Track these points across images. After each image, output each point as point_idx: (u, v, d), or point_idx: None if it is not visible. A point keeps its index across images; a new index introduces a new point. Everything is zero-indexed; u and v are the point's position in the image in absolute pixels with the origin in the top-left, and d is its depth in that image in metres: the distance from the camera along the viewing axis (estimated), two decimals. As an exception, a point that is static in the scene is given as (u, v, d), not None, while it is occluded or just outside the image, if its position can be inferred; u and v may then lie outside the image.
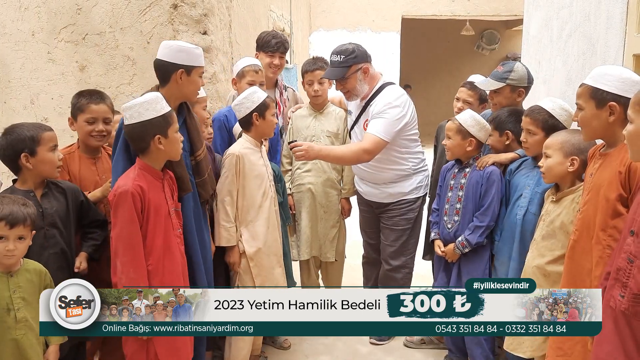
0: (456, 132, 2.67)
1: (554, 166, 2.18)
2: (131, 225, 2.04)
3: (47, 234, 2.17)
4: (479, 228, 2.58)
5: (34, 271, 1.97)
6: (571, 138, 2.16)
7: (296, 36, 7.65)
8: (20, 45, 3.58)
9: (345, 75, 2.98)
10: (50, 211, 2.20)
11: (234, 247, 2.67)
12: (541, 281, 2.19)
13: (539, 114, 2.37)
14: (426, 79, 12.85)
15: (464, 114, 2.72)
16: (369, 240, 3.41)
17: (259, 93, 2.68)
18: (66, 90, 3.57)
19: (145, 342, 2.09)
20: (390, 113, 2.95)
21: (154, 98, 2.10)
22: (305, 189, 3.34)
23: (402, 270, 3.22)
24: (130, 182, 2.06)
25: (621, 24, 2.36)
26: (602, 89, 1.84)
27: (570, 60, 2.96)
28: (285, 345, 3.21)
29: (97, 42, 3.50)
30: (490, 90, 2.82)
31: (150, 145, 2.10)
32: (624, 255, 1.56)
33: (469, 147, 2.66)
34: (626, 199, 1.76)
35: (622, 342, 1.54)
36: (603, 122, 1.86)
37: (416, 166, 3.16)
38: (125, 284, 2.02)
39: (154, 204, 2.10)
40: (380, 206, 3.21)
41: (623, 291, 1.53)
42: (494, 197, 2.56)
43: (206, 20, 3.42)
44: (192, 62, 2.30)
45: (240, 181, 2.64)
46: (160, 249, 2.12)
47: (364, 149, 2.93)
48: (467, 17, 10.13)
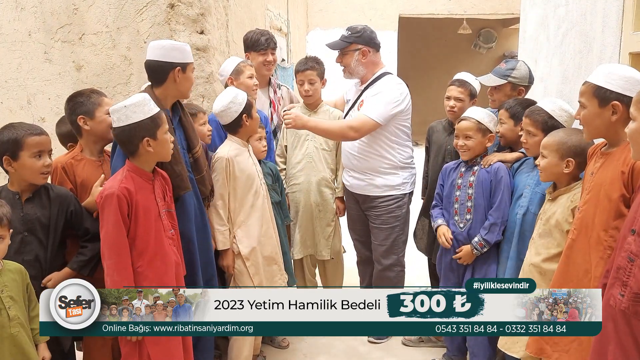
0: (477, 130, 2.61)
1: (549, 167, 2.18)
2: (116, 228, 2.03)
3: (25, 239, 2.11)
4: (495, 225, 2.54)
5: (15, 270, 1.95)
6: (568, 140, 2.14)
7: (293, 35, 7.64)
8: (17, 45, 3.57)
9: (343, 50, 3.08)
10: (32, 217, 2.13)
11: (227, 250, 2.67)
12: (538, 279, 2.18)
13: (539, 115, 2.36)
14: (423, 77, 12.84)
15: (474, 111, 2.67)
16: (359, 238, 3.42)
17: (240, 94, 2.66)
18: (63, 91, 3.56)
19: (138, 343, 2.08)
20: (385, 96, 3.00)
21: (141, 100, 2.06)
22: (299, 188, 3.34)
23: (395, 269, 3.23)
24: (117, 185, 2.04)
25: (617, 22, 2.36)
26: (606, 88, 1.82)
27: (566, 58, 2.97)
28: (283, 345, 3.21)
29: (93, 42, 3.49)
30: (490, 86, 2.83)
31: (139, 147, 2.08)
32: (624, 254, 1.56)
33: (489, 143, 2.66)
34: (629, 199, 1.74)
35: (621, 340, 1.54)
36: (605, 121, 1.84)
37: (404, 160, 3.16)
38: (110, 287, 2.01)
39: (143, 206, 2.08)
40: (366, 200, 3.20)
41: (623, 290, 1.53)
42: (504, 193, 2.54)
43: (203, 20, 3.42)
44: (187, 59, 2.34)
45: (230, 183, 2.63)
46: (151, 251, 2.10)
47: (351, 126, 2.97)
48: (464, 16, 10.13)
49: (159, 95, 2.32)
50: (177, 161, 2.29)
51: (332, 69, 3.34)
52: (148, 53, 2.32)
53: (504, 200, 2.54)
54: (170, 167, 2.27)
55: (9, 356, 1.86)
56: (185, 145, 2.43)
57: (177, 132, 2.40)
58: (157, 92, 2.33)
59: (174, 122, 2.40)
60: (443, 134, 3.09)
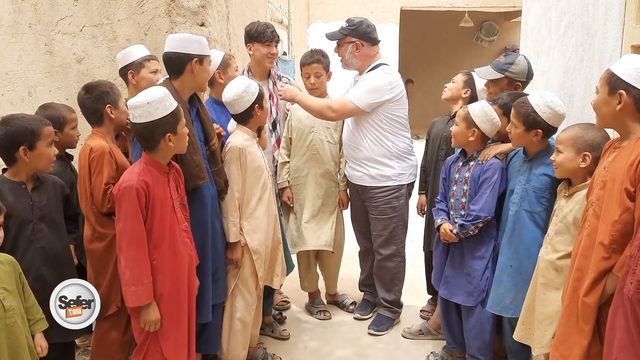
0: (463, 119, 2.64)
1: (565, 162, 2.13)
2: (135, 220, 2.03)
3: (36, 227, 2.18)
4: (470, 215, 2.57)
5: (6, 262, 1.97)
6: (584, 134, 2.10)
7: (294, 28, 7.61)
8: (18, 37, 3.56)
9: (339, 42, 3.16)
10: (40, 205, 2.20)
11: (237, 243, 2.62)
12: (553, 276, 2.16)
13: (523, 108, 2.34)
14: (425, 70, 12.80)
15: (476, 103, 2.67)
16: (360, 229, 3.44)
17: (252, 83, 2.64)
18: (64, 83, 3.56)
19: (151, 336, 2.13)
20: (368, 82, 3.07)
21: (163, 96, 2.06)
22: (303, 181, 3.34)
23: (395, 259, 3.25)
24: (135, 177, 2.05)
25: (620, 14, 2.35)
26: (618, 76, 1.77)
27: (568, 51, 2.96)
28: (284, 335, 3.23)
29: (94, 33, 3.49)
30: (488, 79, 2.82)
31: (160, 143, 2.09)
32: (637, 243, 1.57)
33: (472, 138, 2.62)
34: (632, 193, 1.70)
35: (629, 327, 1.56)
36: (612, 109, 1.80)
37: (400, 150, 3.16)
38: (129, 279, 2.02)
39: (159, 198, 2.09)
40: (364, 191, 3.22)
41: (632, 278, 1.55)
42: (486, 188, 2.54)
43: (204, 12, 3.41)
44: (204, 52, 2.38)
45: (242, 174, 2.61)
46: (166, 243, 2.11)
47: (329, 105, 3.05)
48: (466, 9, 10.09)
49: (177, 88, 2.35)
50: (196, 151, 2.33)
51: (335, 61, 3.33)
52: (166, 46, 2.35)
53: (485, 193, 2.54)
54: (190, 157, 2.30)
55: (6, 347, 1.87)
56: (202, 138, 2.46)
57: (194, 124, 2.43)
58: (175, 84, 2.36)
59: (191, 114, 2.42)
60: (442, 128, 3.13)
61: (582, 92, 2.69)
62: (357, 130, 3.13)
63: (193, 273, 2.27)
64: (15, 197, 2.16)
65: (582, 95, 2.68)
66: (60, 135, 2.56)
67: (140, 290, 2.03)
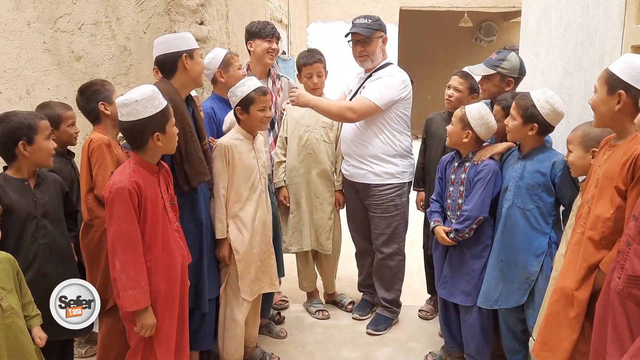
0: (458, 119, 2.64)
1: (577, 160, 2.17)
2: (129, 222, 1.97)
3: (39, 224, 2.19)
4: (461, 216, 2.57)
5: (4, 260, 1.95)
6: (590, 131, 2.13)
7: (294, 27, 7.61)
8: (16, 35, 3.55)
9: (371, 37, 3.11)
10: (42, 201, 2.21)
11: (224, 241, 2.62)
12: None
13: (523, 100, 2.38)
14: (424, 70, 12.80)
15: (474, 105, 2.66)
16: (356, 229, 3.44)
17: (253, 81, 2.64)
18: (62, 81, 3.55)
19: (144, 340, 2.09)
20: (386, 80, 3.07)
21: (151, 94, 2.01)
22: (299, 180, 3.33)
23: (396, 258, 3.25)
24: (127, 178, 1.98)
25: (620, 15, 2.35)
26: (617, 75, 1.78)
27: (568, 51, 2.96)
28: (281, 335, 3.22)
29: (93, 32, 3.48)
30: (481, 76, 2.83)
31: (149, 142, 2.05)
32: (625, 238, 1.58)
33: (465, 139, 2.62)
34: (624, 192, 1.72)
35: (616, 322, 1.57)
36: (610, 109, 1.81)
37: (404, 148, 3.18)
38: (127, 283, 1.96)
39: (151, 199, 2.05)
40: (366, 189, 3.20)
41: (620, 273, 1.56)
42: (479, 187, 2.54)
43: (203, 11, 3.40)
44: (191, 45, 2.41)
45: (228, 171, 2.61)
46: (159, 245, 2.07)
47: (350, 107, 3.03)
48: (465, 9, 10.09)
49: (175, 86, 2.37)
50: (197, 148, 2.37)
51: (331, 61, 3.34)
52: (154, 51, 2.38)
53: (477, 193, 2.54)
54: (195, 153, 2.34)
55: (4, 347, 1.86)
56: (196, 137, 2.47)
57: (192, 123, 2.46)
58: (173, 83, 2.38)
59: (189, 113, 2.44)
60: (442, 125, 3.08)
61: (581, 92, 2.69)
62: (368, 128, 3.11)
63: (185, 273, 2.24)
64: (19, 194, 2.15)
65: (581, 95, 2.68)
66: (56, 133, 2.61)
67: (139, 294, 1.97)
